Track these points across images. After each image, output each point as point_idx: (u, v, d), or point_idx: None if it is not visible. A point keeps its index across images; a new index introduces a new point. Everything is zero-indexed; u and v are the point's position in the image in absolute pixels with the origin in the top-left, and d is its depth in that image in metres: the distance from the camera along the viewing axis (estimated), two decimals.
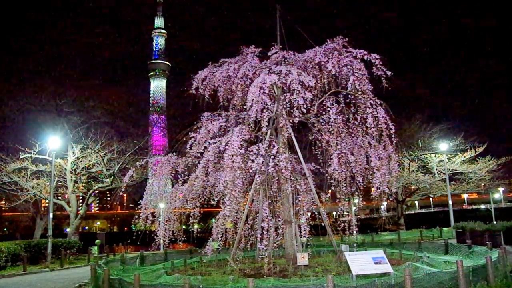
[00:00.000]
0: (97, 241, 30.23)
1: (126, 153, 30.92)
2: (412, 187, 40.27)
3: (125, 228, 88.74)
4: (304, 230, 12.59)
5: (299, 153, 14.52)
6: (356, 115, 13.46)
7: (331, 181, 13.32)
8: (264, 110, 12.63)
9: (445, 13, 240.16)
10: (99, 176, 32.33)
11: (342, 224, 13.88)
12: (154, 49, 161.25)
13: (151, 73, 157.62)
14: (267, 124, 12.67)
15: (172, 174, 14.73)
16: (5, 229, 70.94)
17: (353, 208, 15.03)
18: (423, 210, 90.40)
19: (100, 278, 11.77)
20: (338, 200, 13.78)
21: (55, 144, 25.03)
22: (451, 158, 36.05)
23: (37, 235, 32.17)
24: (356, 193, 14.15)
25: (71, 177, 29.83)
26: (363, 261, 10.24)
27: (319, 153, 14.26)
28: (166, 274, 12.35)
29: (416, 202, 79.88)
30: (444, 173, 32.85)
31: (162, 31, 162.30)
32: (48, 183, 28.13)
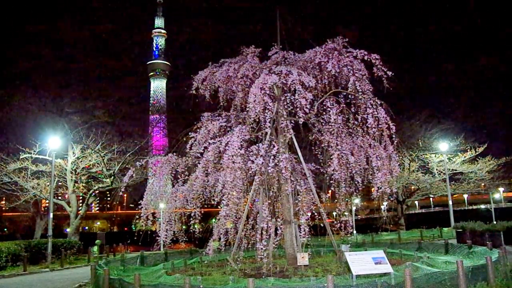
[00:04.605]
0: (97, 241, 30.32)
1: (126, 153, 30.93)
2: (413, 187, 40.31)
3: (125, 228, 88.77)
4: (304, 230, 12.59)
5: (299, 153, 14.52)
6: (356, 115, 13.46)
7: (331, 181, 13.33)
8: (266, 111, 12.63)
9: (445, 12, 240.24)
10: (99, 176, 32.32)
11: (339, 224, 13.91)
12: (154, 49, 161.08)
13: (151, 73, 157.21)
14: (269, 124, 12.68)
15: (172, 174, 14.72)
16: (5, 229, 70.83)
17: (353, 208, 15.12)
18: (423, 210, 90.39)
19: (100, 278, 11.78)
20: (337, 201, 13.79)
21: (55, 144, 25.01)
22: (451, 158, 36.08)
23: (37, 235, 32.19)
24: (356, 193, 14.16)
25: (71, 177, 29.85)
26: (363, 261, 10.23)
27: (319, 153, 14.26)
28: (166, 274, 12.37)
29: (416, 202, 79.96)
30: (444, 173, 32.86)
31: (162, 31, 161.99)
32: (48, 183, 28.15)
